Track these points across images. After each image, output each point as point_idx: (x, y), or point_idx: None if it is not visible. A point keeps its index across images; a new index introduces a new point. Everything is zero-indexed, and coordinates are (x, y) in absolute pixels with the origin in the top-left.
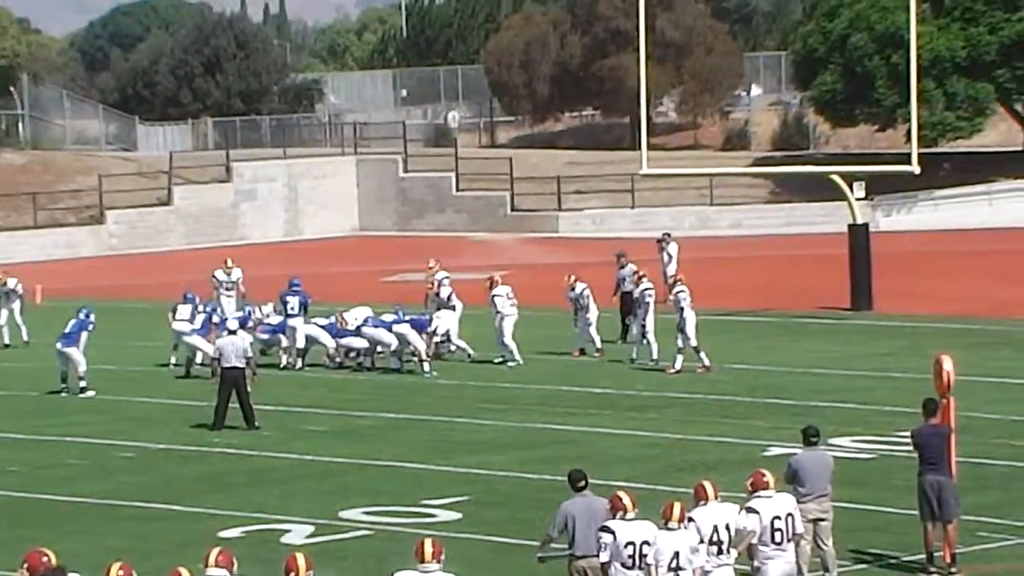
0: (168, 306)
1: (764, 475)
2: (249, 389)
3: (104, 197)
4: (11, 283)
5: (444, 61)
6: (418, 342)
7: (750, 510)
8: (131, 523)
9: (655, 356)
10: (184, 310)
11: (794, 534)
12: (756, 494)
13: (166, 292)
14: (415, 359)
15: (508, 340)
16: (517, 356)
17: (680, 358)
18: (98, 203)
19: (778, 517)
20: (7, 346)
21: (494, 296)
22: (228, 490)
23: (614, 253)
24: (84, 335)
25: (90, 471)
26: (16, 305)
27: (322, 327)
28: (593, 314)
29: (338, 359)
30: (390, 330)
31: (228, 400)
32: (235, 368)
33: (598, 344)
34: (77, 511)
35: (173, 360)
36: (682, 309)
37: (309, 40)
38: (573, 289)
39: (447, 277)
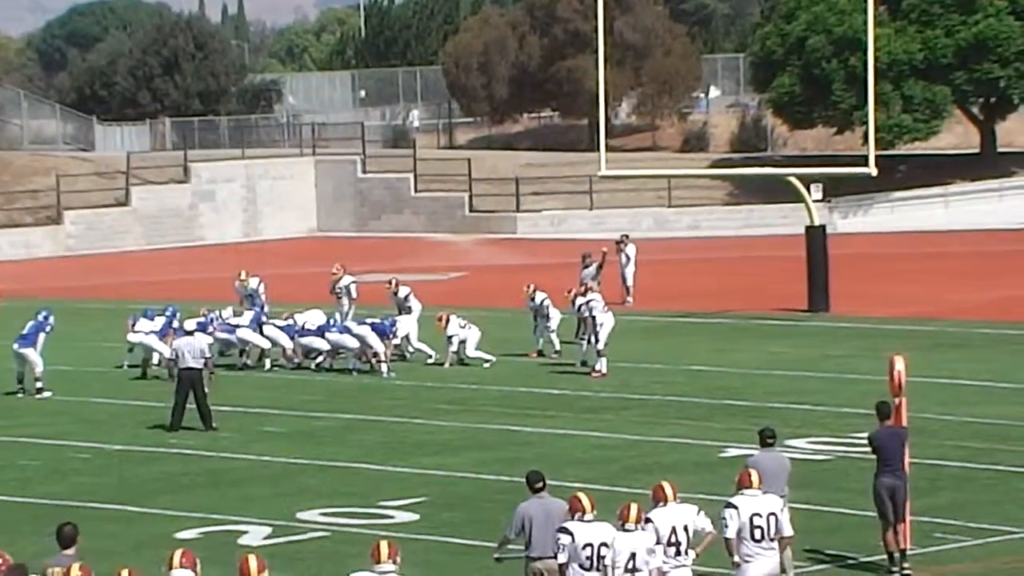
0: (125, 308)
1: (750, 474)
2: (207, 390)
3: (61, 197)
4: None
5: (403, 62)
6: (378, 344)
7: (730, 505)
8: (87, 524)
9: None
10: (144, 324)
11: (779, 536)
12: (740, 491)
13: (124, 292)
14: (373, 360)
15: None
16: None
17: (604, 360)
18: (55, 203)
19: (758, 515)
20: None
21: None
22: (185, 491)
23: (581, 254)
24: (42, 336)
25: (45, 472)
26: None
27: (280, 328)
28: (554, 320)
29: (296, 360)
30: (351, 333)
31: (185, 401)
32: (192, 369)
33: (557, 346)
34: (32, 512)
35: (127, 362)
36: (594, 318)
37: (268, 41)
38: (533, 299)
39: (354, 282)
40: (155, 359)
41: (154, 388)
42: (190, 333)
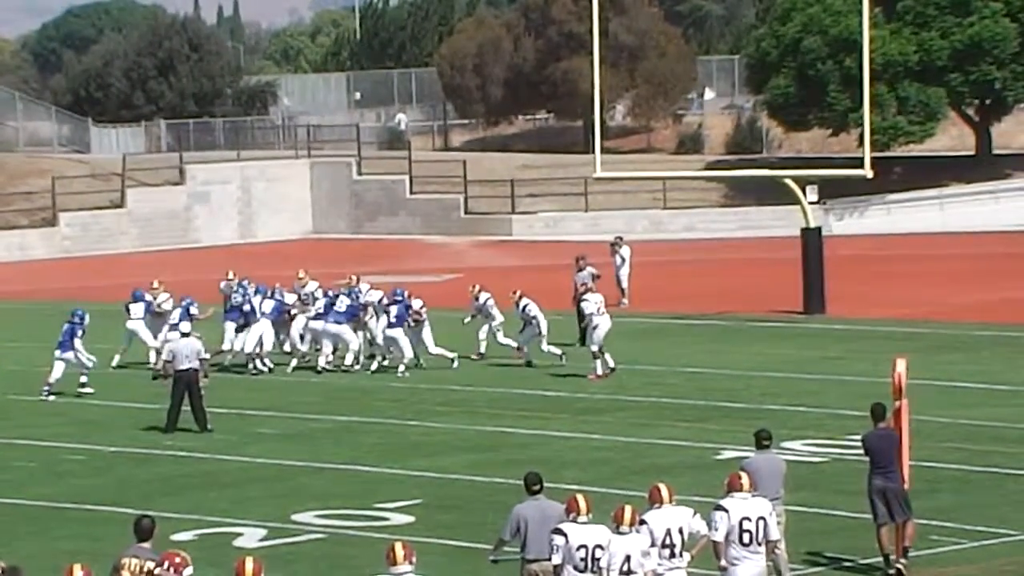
0: (121, 311)
1: (740, 477)
2: (203, 392)
3: (57, 199)
4: None
5: (398, 64)
6: (353, 340)
7: (719, 508)
8: (82, 526)
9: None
10: (137, 308)
11: (767, 539)
12: (730, 494)
13: (119, 294)
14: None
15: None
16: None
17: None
18: (51, 205)
19: (747, 519)
20: None
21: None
22: (180, 493)
23: (575, 256)
24: (77, 339)
25: (40, 474)
26: None
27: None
28: (497, 321)
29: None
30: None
31: (181, 402)
32: (188, 370)
33: (503, 341)
34: (27, 514)
35: (117, 359)
36: (534, 317)
37: (263, 43)
38: (477, 299)
39: (320, 288)
40: (152, 358)
41: (148, 390)
42: (187, 335)
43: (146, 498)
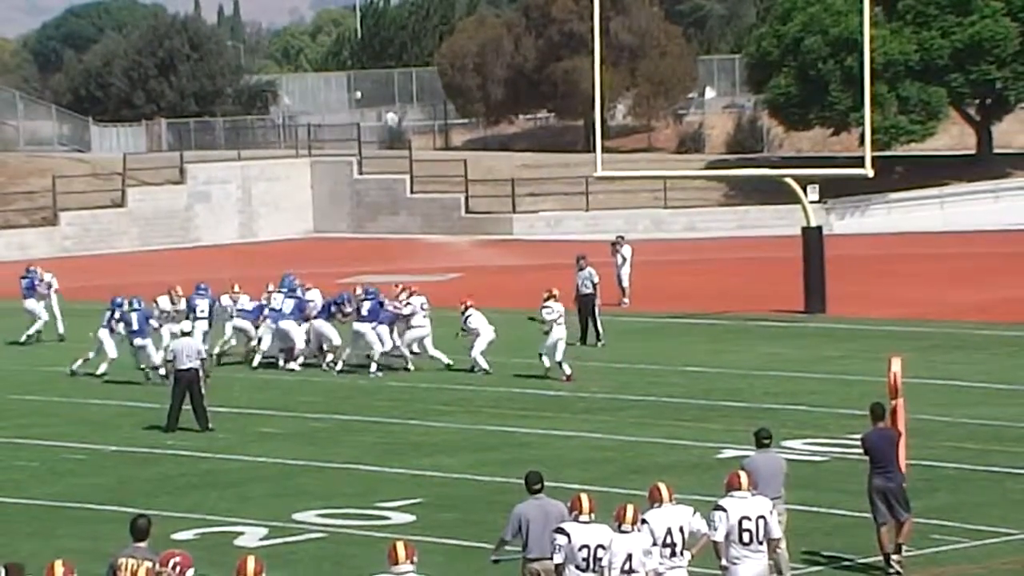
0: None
1: (739, 476)
2: (203, 391)
3: (57, 198)
4: None
5: (398, 63)
6: (300, 341)
7: (718, 507)
8: (83, 525)
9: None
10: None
11: (768, 538)
12: (729, 493)
13: (120, 294)
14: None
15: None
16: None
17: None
18: (51, 204)
19: (747, 518)
20: None
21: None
22: (181, 492)
23: (575, 256)
24: (152, 322)
25: (41, 473)
26: None
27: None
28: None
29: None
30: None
31: (182, 402)
32: (189, 369)
33: (411, 352)
34: (28, 513)
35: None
36: (473, 328)
37: (263, 42)
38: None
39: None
40: (157, 359)
41: (149, 389)
42: (188, 334)
43: (147, 497)
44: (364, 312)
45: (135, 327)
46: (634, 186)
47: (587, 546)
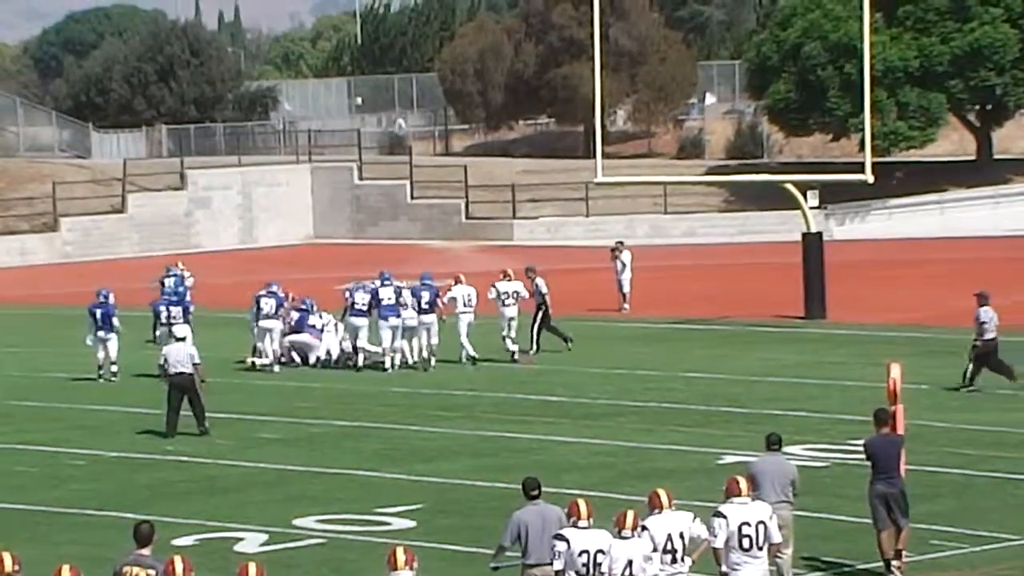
0: (122, 316)
1: (738, 482)
2: (201, 393)
3: (58, 204)
4: None
5: (398, 69)
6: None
7: (718, 514)
8: (83, 531)
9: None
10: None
11: (768, 543)
12: (728, 500)
13: (120, 300)
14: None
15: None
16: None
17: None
18: (52, 210)
19: (747, 523)
20: None
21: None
22: (181, 498)
23: (524, 267)
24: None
25: (41, 479)
26: None
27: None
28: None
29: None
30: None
31: (179, 407)
32: (183, 374)
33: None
34: (28, 519)
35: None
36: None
37: (264, 48)
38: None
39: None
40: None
41: (149, 395)
42: (182, 339)
43: (147, 503)
44: (424, 304)
45: (101, 323)
46: (634, 192)
47: (587, 552)
